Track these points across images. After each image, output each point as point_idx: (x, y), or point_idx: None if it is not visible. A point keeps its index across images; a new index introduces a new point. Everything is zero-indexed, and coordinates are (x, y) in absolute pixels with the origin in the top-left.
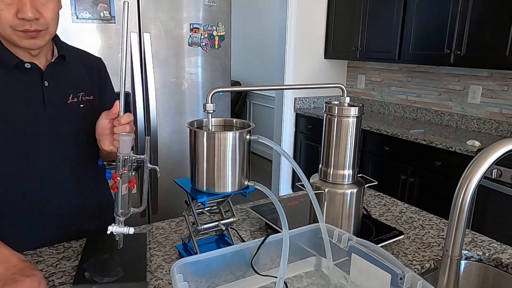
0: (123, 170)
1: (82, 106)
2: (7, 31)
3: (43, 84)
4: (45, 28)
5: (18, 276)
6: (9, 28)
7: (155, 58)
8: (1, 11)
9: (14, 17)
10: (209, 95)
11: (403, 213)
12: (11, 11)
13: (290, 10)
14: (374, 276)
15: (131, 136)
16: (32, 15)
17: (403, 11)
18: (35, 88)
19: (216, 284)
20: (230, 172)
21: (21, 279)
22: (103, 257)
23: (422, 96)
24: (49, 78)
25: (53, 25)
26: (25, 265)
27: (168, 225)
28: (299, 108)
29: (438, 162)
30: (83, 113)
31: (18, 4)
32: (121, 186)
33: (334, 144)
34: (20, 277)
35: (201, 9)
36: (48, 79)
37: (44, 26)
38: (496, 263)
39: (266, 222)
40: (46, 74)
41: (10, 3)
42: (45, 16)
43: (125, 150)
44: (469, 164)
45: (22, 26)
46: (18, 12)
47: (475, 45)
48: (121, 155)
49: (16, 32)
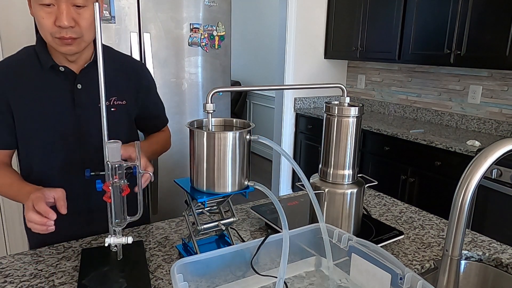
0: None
1: (113, 110)
2: (47, 37)
3: (76, 86)
4: (79, 36)
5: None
6: (49, 35)
7: (155, 58)
8: (42, 19)
9: (53, 25)
10: (209, 95)
11: (403, 213)
12: (51, 19)
13: (290, 10)
14: (374, 276)
15: (119, 143)
16: (67, 23)
17: (403, 11)
18: (68, 90)
19: (216, 284)
20: (230, 172)
21: None
22: (102, 270)
23: (422, 96)
24: (82, 81)
25: (88, 33)
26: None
27: (168, 225)
28: (299, 108)
29: (438, 162)
30: (113, 117)
31: (57, 13)
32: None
33: (334, 144)
34: None
35: (201, 9)
36: (81, 82)
37: (78, 34)
38: (496, 263)
39: (266, 222)
40: (79, 78)
41: (50, 12)
42: (80, 24)
43: (114, 158)
44: (469, 164)
45: (59, 33)
46: (56, 20)
47: (475, 45)
48: (110, 163)
49: (55, 39)
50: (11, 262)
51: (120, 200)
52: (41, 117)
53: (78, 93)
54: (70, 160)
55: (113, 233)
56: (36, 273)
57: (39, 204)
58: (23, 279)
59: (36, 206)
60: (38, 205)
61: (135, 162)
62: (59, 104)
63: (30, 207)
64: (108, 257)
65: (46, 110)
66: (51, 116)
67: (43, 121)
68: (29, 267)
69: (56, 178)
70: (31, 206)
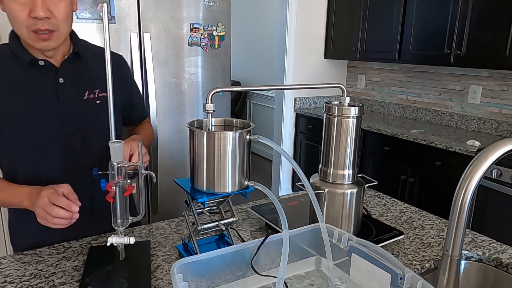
0: (118, 178)
1: (98, 102)
2: (23, 32)
3: (58, 81)
4: (56, 29)
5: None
6: (25, 29)
7: (155, 58)
8: (16, 11)
9: (28, 17)
10: (209, 95)
11: (403, 213)
12: (25, 11)
13: (290, 10)
14: (374, 276)
15: (122, 142)
16: (43, 14)
17: (403, 11)
18: (50, 85)
19: (216, 284)
20: (230, 172)
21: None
22: (106, 269)
23: (422, 96)
24: (63, 75)
25: (64, 26)
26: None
27: (168, 225)
28: (299, 108)
29: (438, 162)
30: (99, 109)
31: (31, 4)
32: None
33: (334, 144)
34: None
35: (201, 9)
36: (62, 76)
37: (54, 26)
38: (496, 263)
39: (266, 222)
40: (60, 71)
41: (24, 3)
42: (56, 15)
43: (117, 158)
44: (469, 164)
45: (34, 26)
46: (31, 11)
47: (475, 45)
48: (114, 164)
49: (30, 34)
50: (11, 262)
51: (123, 200)
52: (25, 116)
53: (61, 87)
54: (58, 159)
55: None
56: (36, 273)
57: (59, 199)
58: (23, 279)
59: (56, 201)
60: (58, 200)
61: (137, 162)
62: (43, 100)
63: (46, 203)
64: (114, 256)
65: (29, 109)
66: (36, 114)
67: (28, 120)
68: (29, 267)
69: (44, 179)
70: (46, 202)
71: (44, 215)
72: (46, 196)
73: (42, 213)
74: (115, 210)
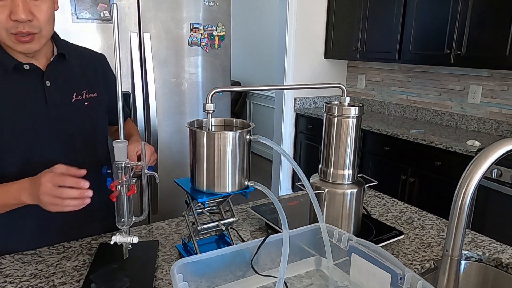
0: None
1: (86, 104)
2: (2, 35)
3: (45, 84)
4: (38, 31)
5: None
6: (4, 31)
7: (155, 58)
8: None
9: (8, 19)
10: (209, 95)
11: (403, 213)
12: (4, 13)
13: (290, 10)
14: (374, 276)
15: (125, 142)
16: (24, 17)
17: (403, 11)
18: (37, 89)
19: (216, 284)
20: (230, 172)
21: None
22: (111, 267)
23: (422, 96)
24: (50, 78)
25: (46, 27)
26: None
27: (168, 225)
28: (299, 108)
29: (438, 162)
30: (88, 111)
31: (11, 6)
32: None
33: (334, 144)
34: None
35: (201, 9)
36: (49, 79)
37: (37, 29)
38: (496, 263)
39: (266, 222)
40: (46, 74)
41: (3, 5)
42: (38, 17)
43: (121, 158)
44: (469, 164)
45: (15, 28)
46: (11, 14)
47: (475, 45)
48: (119, 163)
49: (10, 36)
50: (11, 262)
51: (126, 200)
52: (13, 122)
53: (48, 91)
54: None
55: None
56: (36, 273)
57: (65, 179)
58: (23, 279)
59: (63, 182)
60: (64, 180)
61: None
62: (30, 105)
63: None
64: (122, 255)
65: (17, 114)
66: (23, 119)
67: (16, 126)
68: (29, 267)
69: None
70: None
71: (53, 201)
72: (48, 181)
73: (50, 200)
74: (119, 209)
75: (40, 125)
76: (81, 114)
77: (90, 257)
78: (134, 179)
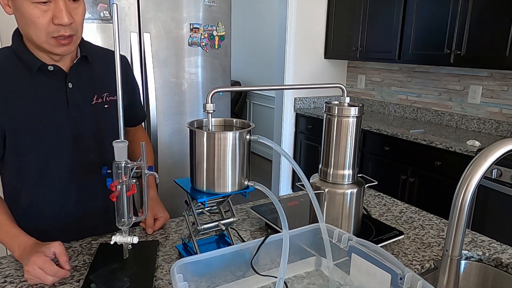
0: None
1: (106, 106)
2: (41, 38)
3: (67, 86)
4: (75, 33)
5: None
6: (44, 35)
7: (155, 58)
8: (38, 18)
9: (50, 23)
10: (209, 95)
11: (403, 213)
12: (47, 17)
13: (290, 10)
14: (374, 276)
15: (125, 142)
16: (68, 21)
17: (403, 11)
18: (59, 91)
19: (216, 284)
20: (230, 172)
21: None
22: (112, 267)
23: (422, 96)
24: (72, 79)
25: (81, 29)
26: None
27: (168, 225)
28: (299, 108)
29: (438, 162)
30: (107, 114)
31: (54, 10)
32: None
33: (334, 144)
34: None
35: (201, 9)
36: (71, 80)
37: (75, 31)
38: (496, 263)
39: (266, 222)
40: (69, 76)
41: (46, 10)
42: (76, 20)
43: (121, 158)
44: (469, 164)
45: (57, 32)
46: (54, 18)
47: (475, 45)
48: (119, 163)
49: (50, 40)
50: (11, 262)
51: (126, 200)
52: (35, 124)
53: (71, 93)
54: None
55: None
56: None
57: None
58: (23, 279)
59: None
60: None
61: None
62: (52, 106)
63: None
64: (121, 255)
65: (39, 114)
66: (45, 119)
67: (37, 125)
68: None
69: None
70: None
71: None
72: (36, 263)
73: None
74: (119, 209)
75: (60, 126)
76: (101, 116)
77: (90, 257)
78: (134, 179)
